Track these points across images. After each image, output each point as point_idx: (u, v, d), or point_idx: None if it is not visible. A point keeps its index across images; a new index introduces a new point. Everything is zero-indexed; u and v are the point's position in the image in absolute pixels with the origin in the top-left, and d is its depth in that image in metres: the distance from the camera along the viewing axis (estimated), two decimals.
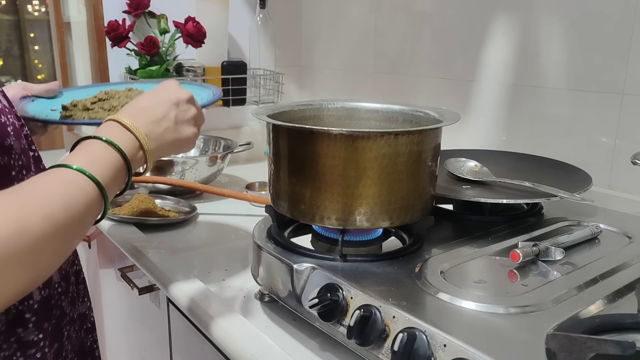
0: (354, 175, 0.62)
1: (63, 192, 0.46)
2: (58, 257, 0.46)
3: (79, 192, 0.47)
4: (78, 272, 0.69)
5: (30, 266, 0.42)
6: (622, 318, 0.49)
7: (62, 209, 0.45)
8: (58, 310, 0.62)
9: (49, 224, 0.43)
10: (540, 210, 0.83)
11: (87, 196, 0.48)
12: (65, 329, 0.64)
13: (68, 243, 0.47)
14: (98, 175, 0.49)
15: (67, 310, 0.64)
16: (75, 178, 0.48)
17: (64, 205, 0.45)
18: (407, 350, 0.49)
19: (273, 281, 0.67)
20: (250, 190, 1.22)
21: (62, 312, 0.63)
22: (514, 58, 1.08)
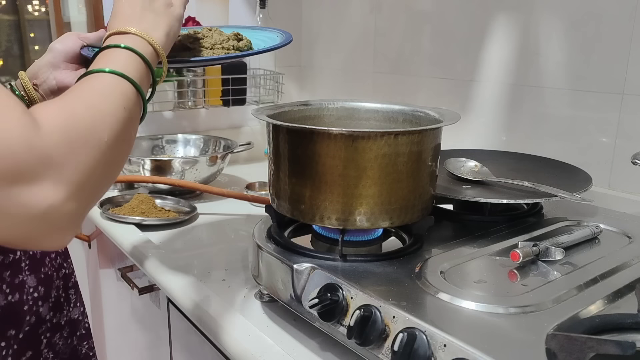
0: (354, 175, 0.62)
1: (102, 89, 0.48)
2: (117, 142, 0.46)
3: (117, 89, 0.49)
4: (67, 276, 0.67)
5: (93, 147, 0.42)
6: (622, 318, 0.49)
7: (104, 100, 0.46)
8: (33, 317, 0.59)
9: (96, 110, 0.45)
10: (540, 210, 0.83)
11: (125, 92, 0.49)
12: (45, 336, 0.62)
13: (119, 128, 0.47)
14: (130, 74, 0.51)
15: (46, 316, 0.61)
16: (110, 79, 0.49)
17: (104, 97, 0.47)
18: (407, 350, 0.49)
19: (273, 281, 0.67)
20: (250, 190, 1.22)
21: (40, 318, 0.60)
22: (514, 58, 1.08)
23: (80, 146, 0.41)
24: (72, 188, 0.39)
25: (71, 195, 0.39)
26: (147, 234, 0.98)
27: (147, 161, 1.15)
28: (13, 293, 0.56)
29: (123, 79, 0.50)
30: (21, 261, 0.55)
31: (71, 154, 0.40)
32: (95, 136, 0.43)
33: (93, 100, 0.46)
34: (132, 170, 1.16)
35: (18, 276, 0.56)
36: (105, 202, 1.09)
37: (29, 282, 0.58)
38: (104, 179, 0.44)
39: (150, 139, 1.35)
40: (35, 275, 0.59)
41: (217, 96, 1.45)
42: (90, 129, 0.43)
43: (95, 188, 0.43)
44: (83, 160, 0.40)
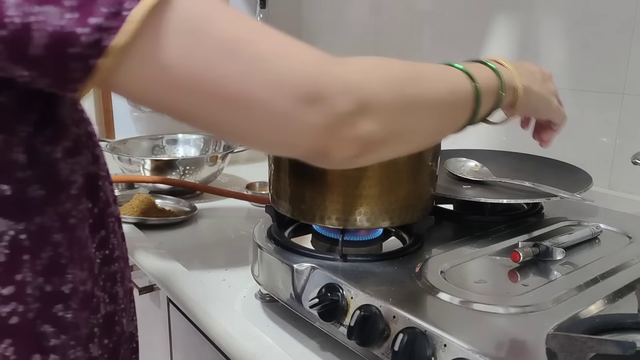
0: (354, 175, 0.62)
1: (446, 76, 0.49)
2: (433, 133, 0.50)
3: (460, 83, 0.50)
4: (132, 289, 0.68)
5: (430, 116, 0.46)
6: (623, 318, 0.49)
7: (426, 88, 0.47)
8: (119, 327, 0.59)
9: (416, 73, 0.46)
10: (541, 210, 0.83)
11: (465, 90, 0.50)
12: (122, 347, 0.61)
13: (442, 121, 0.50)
14: (477, 79, 0.51)
15: (125, 327, 0.61)
16: (457, 72, 0.50)
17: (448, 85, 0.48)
18: (408, 350, 0.49)
19: (273, 281, 0.67)
20: (251, 190, 1.22)
21: (122, 330, 0.60)
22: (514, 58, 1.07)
23: (376, 79, 0.42)
24: (363, 104, 0.40)
25: (362, 110, 0.40)
26: (147, 233, 0.98)
27: (147, 161, 1.15)
28: (110, 304, 0.56)
29: (468, 78, 0.51)
30: (117, 272, 0.55)
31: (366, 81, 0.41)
32: (399, 83, 0.44)
33: (419, 66, 0.47)
34: (133, 170, 1.16)
35: (114, 287, 0.56)
36: None
37: (120, 293, 0.58)
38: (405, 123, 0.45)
39: (151, 139, 1.35)
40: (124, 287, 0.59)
41: None
42: (394, 74, 0.44)
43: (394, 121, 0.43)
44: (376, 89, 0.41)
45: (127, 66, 0.35)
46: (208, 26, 0.36)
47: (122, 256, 0.55)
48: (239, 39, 0.37)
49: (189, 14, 0.36)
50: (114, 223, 0.53)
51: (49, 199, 0.42)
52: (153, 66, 0.35)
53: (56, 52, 0.33)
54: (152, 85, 0.36)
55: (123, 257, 0.57)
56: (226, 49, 0.36)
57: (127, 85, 0.36)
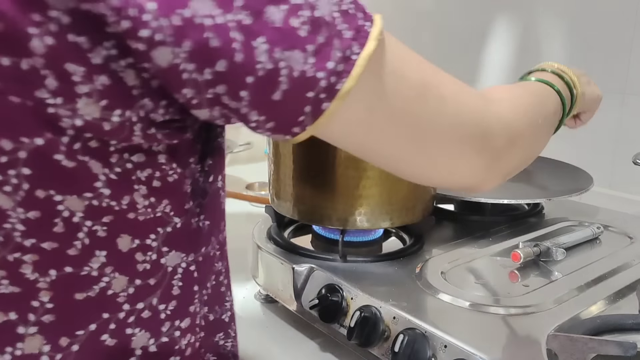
0: (354, 176, 0.62)
1: (548, 97, 0.53)
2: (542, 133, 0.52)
3: (555, 102, 0.54)
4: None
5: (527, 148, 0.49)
6: (623, 319, 0.49)
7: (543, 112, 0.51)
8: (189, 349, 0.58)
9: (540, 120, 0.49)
10: (541, 211, 0.83)
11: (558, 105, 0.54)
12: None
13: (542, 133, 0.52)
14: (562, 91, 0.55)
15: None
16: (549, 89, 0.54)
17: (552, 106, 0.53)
18: (408, 351, 0.49)
19: (273, 281, 0.66)
20: (250, 191, 1.21)
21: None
22: (514, 58, 1.08)
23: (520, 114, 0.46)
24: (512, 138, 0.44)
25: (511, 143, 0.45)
26: None
27: None
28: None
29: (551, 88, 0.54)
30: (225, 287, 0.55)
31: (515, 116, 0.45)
32: (533, 115, 0.48)
33: (530, 98, 0.50)
34: None
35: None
36: None
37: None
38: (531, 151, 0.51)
39: None
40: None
41: None
42: (530, 106, 0.48)
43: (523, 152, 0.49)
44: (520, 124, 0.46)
45: (343, 108, 0.35)
46: (405, 69, 0.39)
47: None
48: (426, 82, 0.40)
49: (392, 56, 0.38)
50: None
51: (213, 229, 0.44)
52: (362, 108, 0.36)
53: (296, 97, 0.34)
54: (356, 128, 0.37)
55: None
56: (419, 92, 0.39)
57: (335, 128, 0.37)
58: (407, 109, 0.38)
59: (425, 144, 0.40)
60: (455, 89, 0.42)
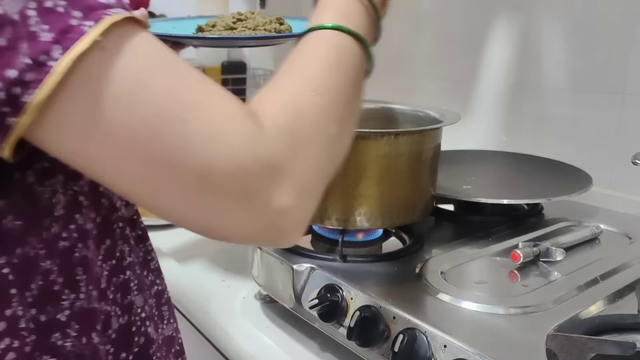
0: (354, 176, 0.62)
1: (327, 59, 0.42)
2: (344, 128, 0.42)
3: (344, 54, 0.43)
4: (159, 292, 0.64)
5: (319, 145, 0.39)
6: (623, 318, 0.49)
7: (331, 78, 0.41)
8: (142, 337, 0.56)
9: (321, 98, 0.40)
10: (541, 211, 0.83)
11: (353, 55, 0.44)
12: (155, 356, 0.59)
13: (347, 110, 0.43)
14: (356, 28, 0.45)
15: (153, 335, 0.58)
16: (335, 39, 0.44)
17: (330, 72, 0.42)
18: (408, 351, 0.49)
19: (273, 282, 0.66)
20: None
21: (148, 339, 0.57)
22: (514, 58, 1.08)
23: (307, 148, 0.38)
24: (300, 192, 0.37)
25: (299, 199, 0.37)
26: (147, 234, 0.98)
27: None
28: (123, 315, 0.53)
29: (349, 36, 0.44)
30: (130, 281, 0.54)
31: (297, 158, 0.37)
32: (322, 131, 0.39)
33: (318, 82, 0.41)
34: None
35: (127, 297, 0.54)
36: None
37: (137, 302, 0.55)
38: (330, 171, 0.41)
39: None
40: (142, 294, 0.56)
41: None
42: (316, 124, 0.39)
43: (322, 183, 0.40)
44: (310, 162, 0.38)
45: (46, 125, 0.31)
46: (142, 91, 0.32)
47: (137, 262, 0.53)
48: (168, 114, 0.33)
49: (127, 71, 0.31)
50: (122, 228, 0.50)
51: (30, 228, 0.39)
52: (74, 131, 0.31)
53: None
54: (71, 152, 0.33)
55: (140, 262, 0.54)
56: (155, 123, 0.32)
57: (46, 144, 0.32)
58: (134, 142, 0.32)
59: (161, 188, 0.34)
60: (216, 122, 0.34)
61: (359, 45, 0.45)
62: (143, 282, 0.58)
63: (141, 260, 0.57)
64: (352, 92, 0.43)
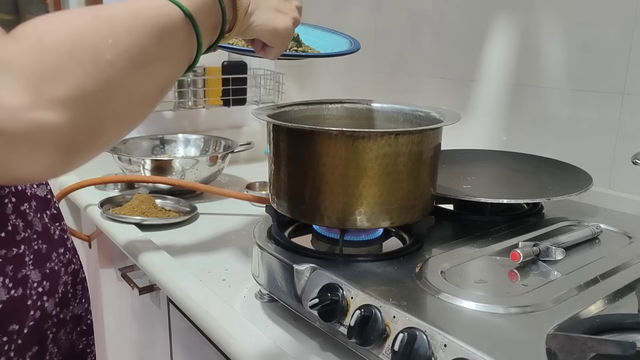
0: (354, 175, 0.62)
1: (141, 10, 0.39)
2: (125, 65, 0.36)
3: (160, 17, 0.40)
4: (76, 271, 0.66)
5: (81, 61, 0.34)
6: (623, 318, 0.49)
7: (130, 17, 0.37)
8: (38, 312, 0.57)
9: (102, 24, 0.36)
10: (541, 210, 0.83)
11: (171, 21, 0.40)
12: (51, 331, 0.60)
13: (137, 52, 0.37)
14: (192, 9, 0.42)
15: (52, 311, 0.60)
16: (160, 3, 0.41)
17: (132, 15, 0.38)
18: (408, 351, 0.49)
19: (273, 281, 0.67)
20: (251, 190, 1.22)
21: (45, 314, 0.58)
22: (514, 58, 1.08)
23: (58, 55, 0.33)
24: (40, 94, 0.32)
25: (39, 102, 0.32)
26: (148, 234, 0.98)
27: (147, 161, 1.15)
28: (16, 287, 0.54)
29: (181, 10, 0.41)
30: (25, 255, 0.54)
31: (41, 61, 0.32)
32: (90, 50, 0.34)
33: (115, 13, 0.37)
34: (133, 170, 1.16)
35: (21, 270, 0.54)
36: (105, 202, 1.09)
37: (32, 276, 0.56)
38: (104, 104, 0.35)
39: (151, 139, 1.35)
40: (40, 270, 0.57)
41: (217, 96, 1.45)
42: (82, 39, 0.34)
43: (87, 110, 0.34)
44: (60, 71, 0.33)
45: None
46: None
47: (40, 237, 0.52)
48: None
49: None
50: (15, 204, 0.49)
51: None
52: None
53: None
54: None
55: (47, 237, 0.53)
56: None
57: None
58: None
59: None
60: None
61: (188, 25, 0.42)
62: (47, 259, 0.58)
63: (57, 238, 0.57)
64: (154, 46, 0.38)
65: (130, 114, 0.39)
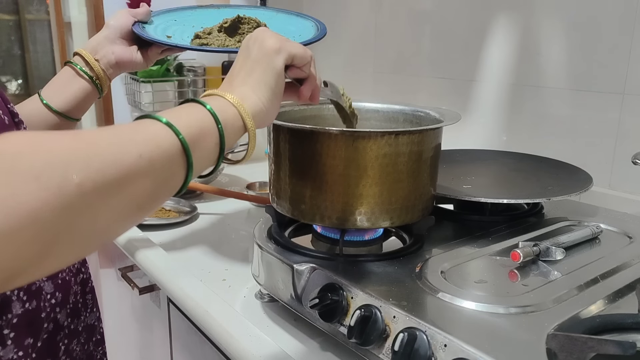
0: (354, 175, 0.62)
1: (124, 129, 0.38)
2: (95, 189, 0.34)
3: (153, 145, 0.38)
4: (85, 280, 0.66)
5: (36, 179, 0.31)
6: (623, 318, 0.49)
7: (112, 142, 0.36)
8: (51, 324, 0.57)
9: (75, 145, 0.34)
10: (541, 210, 0.83)
11: (162, 150, 0.39)
12: (63, 343, 0.60)
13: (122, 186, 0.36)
14: (183, 129, 0.41)
15: (64, 322, 0.60)
16: (155, 129, 0.40)
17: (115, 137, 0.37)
18: (408, 350, 0.49)
19: (273, 281, 0.67)
20: (251, 190, 1.22)
21: (58, 325, 0.58)
22: (514, 58, 1.08)
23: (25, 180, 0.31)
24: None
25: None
26: (148, 233, 0.98)
27: None
28: (30, 300, 0.53)
29: (171, 131, 0.40)
30: None
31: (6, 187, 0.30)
32: (58, 173, 0.32)
33: (95, 134, 0.36)
34: None
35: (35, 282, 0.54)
36: None
37: (46, 288, 0.56)
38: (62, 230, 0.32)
39: None
40: (52, 281, 0.57)
41: None
42: (53, 162, 0.32)
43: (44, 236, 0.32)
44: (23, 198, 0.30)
45: None
46: None
47: None
48: None
49: None
50: None
51: None
52: None
53: None
54: None
55: None
56: None
57: None
58: None
59: None
60: None
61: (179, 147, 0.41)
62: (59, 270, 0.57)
63: None
64: (133, 162, 0.36)
65: (96, 236, 0.36)
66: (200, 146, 0.43)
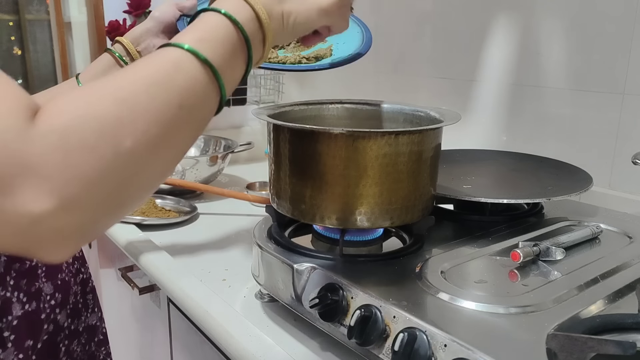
0: (354, 175, 0.62)
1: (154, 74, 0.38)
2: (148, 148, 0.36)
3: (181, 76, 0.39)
4: (85, 281, 0.65)
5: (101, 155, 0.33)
6: (623, 318, 0.49)
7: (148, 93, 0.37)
8: (51, 325, 0.57)
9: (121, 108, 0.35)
10: (541, 210, 0.83)
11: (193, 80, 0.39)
12: (63, 344, 0.59)
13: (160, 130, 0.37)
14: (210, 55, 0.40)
15: (64, 323, 0.59)
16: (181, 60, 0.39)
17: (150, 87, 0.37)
18: (408, 350, 0.49)
19: (273, 281, 0.67)
20: (251, 190, 1.22)
21: (58, 326, 0.58)
22: (514, 58, 1.08)
23: (81, 154, 0.33)
24: (62, 200, 0.32)
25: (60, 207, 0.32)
26: (148, 233, 0.98)
27: None
28: (30, 302, 0.53)
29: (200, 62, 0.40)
30: (37, 268, 0.53)
31: (64, 163, 0.32)
32: (110, 142, 0.34)
33: (127, 93, 0.36)
34: None
35: (34, 284, 0.54)
36: None
37: (45, 289, 0.56)
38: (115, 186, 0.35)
39: None
40: (52, 281, 0.56)
41: None
42: (104, 133, 0.34)
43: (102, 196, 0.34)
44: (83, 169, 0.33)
45: None
46: None
47: None
48: None
49: None
50: None
51: None
52: None
53: None
54: None
55: None
56: None
57: None
58: None
59: None
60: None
61: (209, 75, 0.41)
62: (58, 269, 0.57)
63: None
64: (175, 114, 0.38)
65: (151, 186, 0.39)
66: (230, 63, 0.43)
